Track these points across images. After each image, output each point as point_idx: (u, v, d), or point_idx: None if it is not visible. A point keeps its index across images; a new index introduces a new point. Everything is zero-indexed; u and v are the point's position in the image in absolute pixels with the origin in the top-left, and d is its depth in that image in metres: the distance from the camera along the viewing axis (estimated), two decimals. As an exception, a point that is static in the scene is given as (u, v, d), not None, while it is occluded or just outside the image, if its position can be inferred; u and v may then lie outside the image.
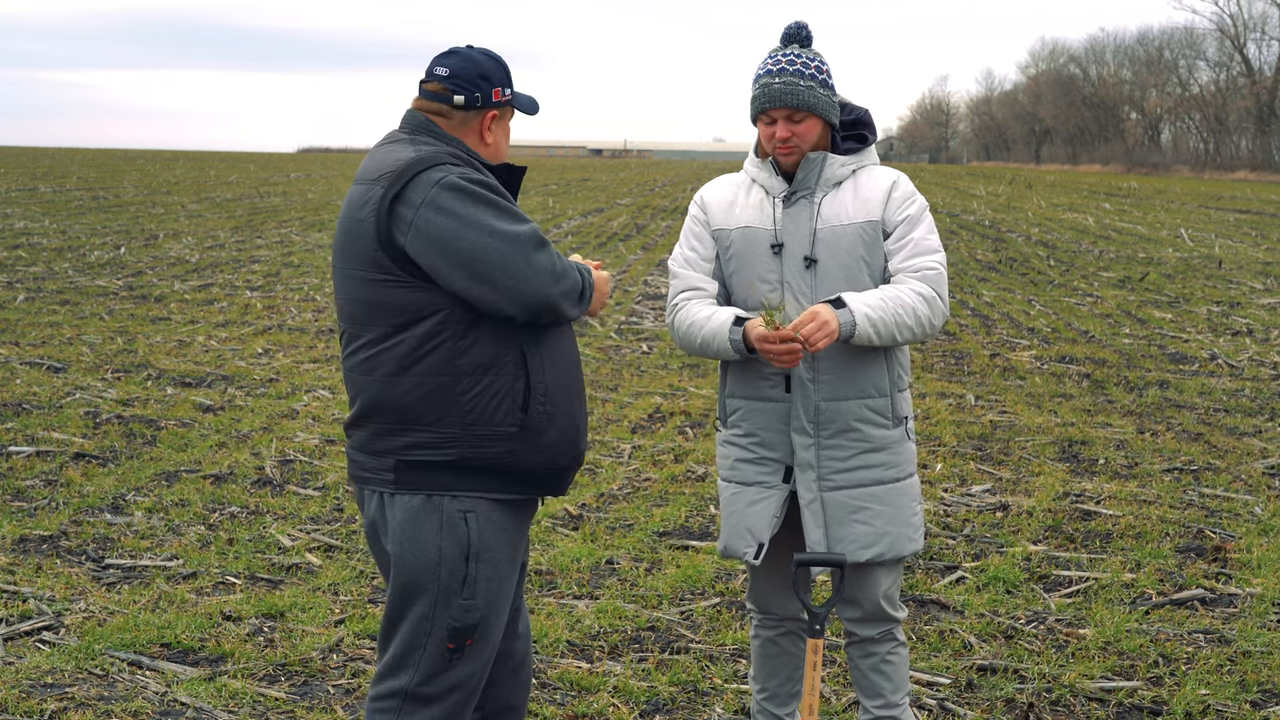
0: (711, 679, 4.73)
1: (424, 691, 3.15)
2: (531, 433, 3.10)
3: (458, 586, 3.10)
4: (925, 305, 3.63)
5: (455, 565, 3.10)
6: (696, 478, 7.49)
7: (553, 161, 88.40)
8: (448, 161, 3.09)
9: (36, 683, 4.57)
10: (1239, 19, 77.86)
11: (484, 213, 3.03)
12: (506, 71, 3.30)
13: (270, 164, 68.40)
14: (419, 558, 3.11)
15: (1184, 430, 8.94)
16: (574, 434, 3.20)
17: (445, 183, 3.03)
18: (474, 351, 3.05)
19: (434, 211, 3.01)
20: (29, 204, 29.74)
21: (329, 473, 7.44)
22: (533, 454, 3.12)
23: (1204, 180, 60.88)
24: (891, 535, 3.74)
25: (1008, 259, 20.87)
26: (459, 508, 3.10)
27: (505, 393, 3.07)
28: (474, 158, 3.20)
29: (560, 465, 3.19)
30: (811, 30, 3.75)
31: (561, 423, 3.15)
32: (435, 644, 3.13)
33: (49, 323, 12.95)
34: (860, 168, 3.77)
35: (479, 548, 3.11)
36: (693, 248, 3.84)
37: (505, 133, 3.33)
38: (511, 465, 3.11)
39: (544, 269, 3.05)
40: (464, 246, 3.00)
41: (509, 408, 3.07)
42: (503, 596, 3.20)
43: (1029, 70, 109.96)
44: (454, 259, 3.00)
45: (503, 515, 3.16)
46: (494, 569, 3.15)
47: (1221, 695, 4.60)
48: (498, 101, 3.25)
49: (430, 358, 3.05)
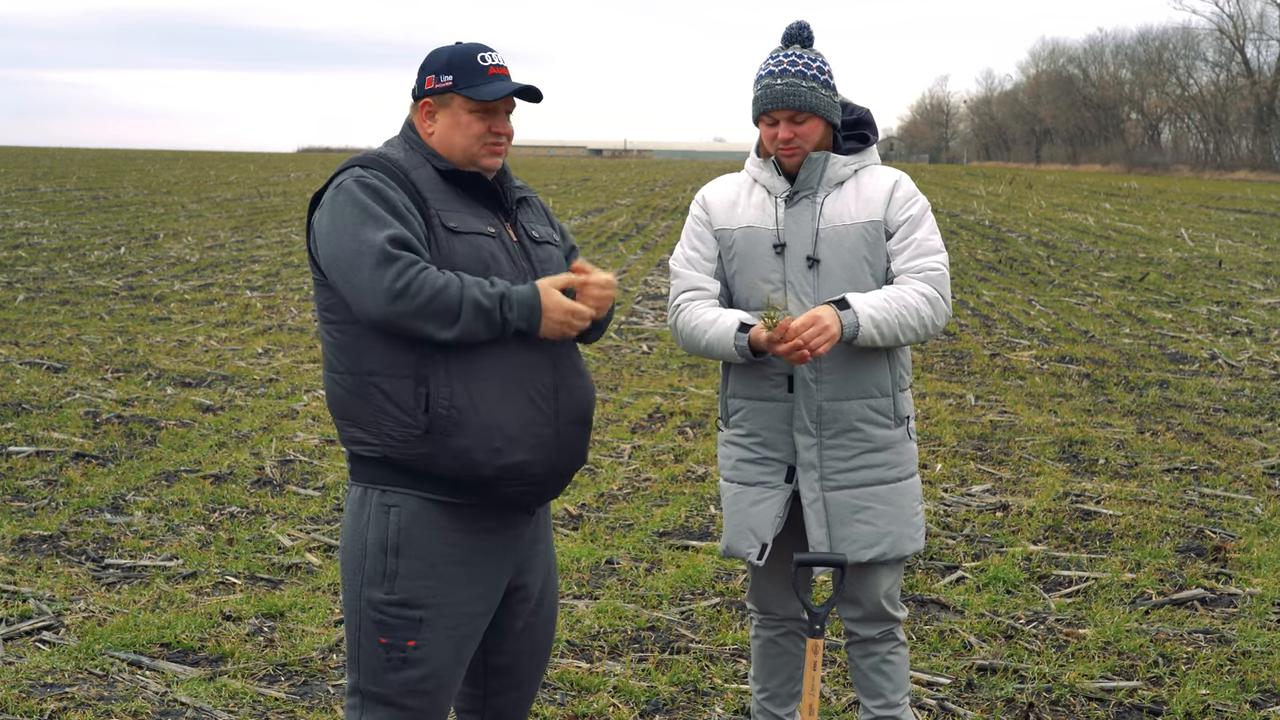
0: (711, 679, 4.72)
1: (375, 691, 3.12)
2: (438, 436, 3.01)
3: (378, 579, 3.08)
4: (929, 306, 3.63)
5: (376, 558, 3.09)
6: (697, 478, 7.49)
7: (553, 161, 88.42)
8: (358, 164, 3.11)
9: (36, 683, 4.57)
10: (1239, 19, 77.93)
11: (353, 216, 2.99)
12: (450, 60, 3.16)
13: (270, 164, 68.39)
14: (348, 549, 3.14)
15: (1184, 430, 8.94)
16: (498, 444, 3.03)
17: (341, 185, 3.06)
18: (375, 351, 3.04)
19: (323, 213, 3.07)
20: (29, 204, 29.74)
21: (329, 473, 7.44)
22: (448, 459, 3.02)
23: (1204, 180, 60.88)
24: (893, 535, 3.74)
25: (1008, 259, 20.87)
26: (384, 501, 3.09)
27: (406, 394, 3.02)
28: (428, 155, 3.18)
29: (483, 475, 3.04)
30: (813, 30, 3.75)
31: (475, 429, 3.01)
32: (368, 639, 3.11)
33: (49, 323, 12.95)
34: (862, 167, 3.77)
35: (399, 541, 3.07)
36: (694, 248, 3.84)
37: (455, 123, 3.16)
38: (428, 467, 3.05)
39: (379, 285, 2.91)
40: (329, 250, 3.02)
41: (411, 408, 3.01)
42: (454, 602, 3.11)
43: (1029, 70, 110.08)
44: (325, 261, 3.04)
45: (442, 516, 3.09)
46: (425, 566, 3.08)
47: (1221, 695, 4.60)
48: (429, 89, 3.17)
49: (344, 355, 3.09)
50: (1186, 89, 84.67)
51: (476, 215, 3.16)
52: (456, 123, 3.17)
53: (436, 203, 3.11)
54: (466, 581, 3.13)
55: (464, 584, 3.13)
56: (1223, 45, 79.63)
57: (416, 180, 3.11)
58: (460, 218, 3.12)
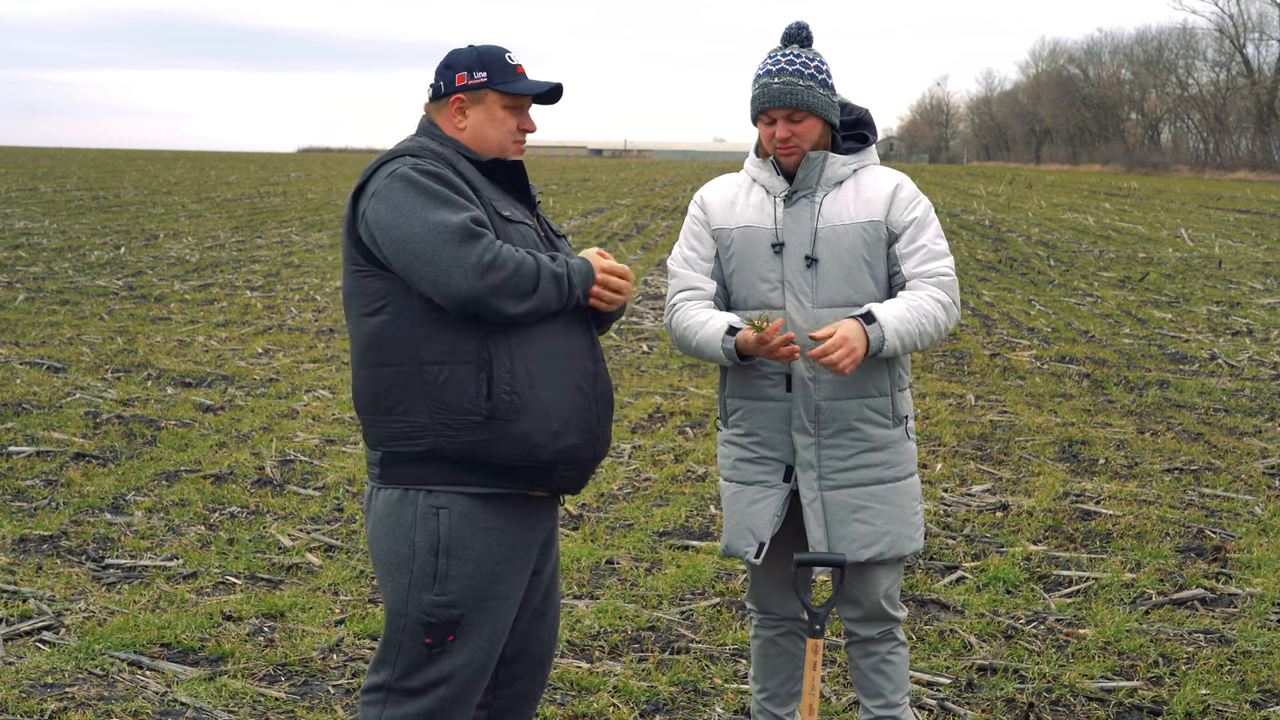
0: (711, 679, 4.73)
1: (406, 685, 3.14)
2: (500, 421, 3.03)
3: (428, 582, 3.09)
4: (944, 313, 3.67)
5: (425, 560, 3.09)
6: (697, 478, 7.49)
7: (553, 161, 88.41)
8: (407, 154, 3.13)
9: (36, 683, 4.57)
10: (1239, 19, 77.92)
11: (421, 202, 3.01)
12: (481, 58, 3.22)
13: (270, 164, 68.39)
14: (392, 551, 3.13)
15: (1184, 430, 8.94)
16: (556, 427, 3.08)
17: (395, 173, 3.07)
18: (435, 339, 3.05)
19: (380, 201, 3.06)
20: (29, 204, 29.74)
21: (329, 473, 7.44)
22: (507, 445, 3.04)
23: (1204, 180, 60.87)
24: (892, 534, 3.74)
25: (1008, 259, 20.87)
26: (432, 503, 3.09)
27: (469, 381, 3.03)
28: (459, 149, 3.21)
29: (541, 460, 3.08)
30: (812, 30, 3.76)
31: (535, 413, 3.05)
32: (411, 639, 3.13)
33: (49, 323, 12.95)
34: (861, 167, 3.78)
35: (450, 543, 3.09)
36: (692, 247, 3.84)
37: (490, 118, 3.23)
38: (486, 456, 3.06)
39: (467, 262, 2.95)
40: (399, 235, 3.02)
41: (473, 395, 3.02)
42: (496, 596, 3.16)
43: (1029, 70, 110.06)
44: (392, 248, 3.04)
45: (484, 512, 3.11)
46: (474, 567, 3.11)
47: (1221, 695, 4.60)
48: (461, 86, 3.21)
49: (393, 345, 3.08)
50: (1186, 89, 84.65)
51: (515, 207, 3.24)
52: (491, 118, 3.24)
53: (486, 192, 3.17)
54: (507, 575, 3.19)
55: (504, 578, 3.18)
56: (1223, 45, 79.67)
57: (462, 171, 3.16)
58: (508, 208, 3.20)
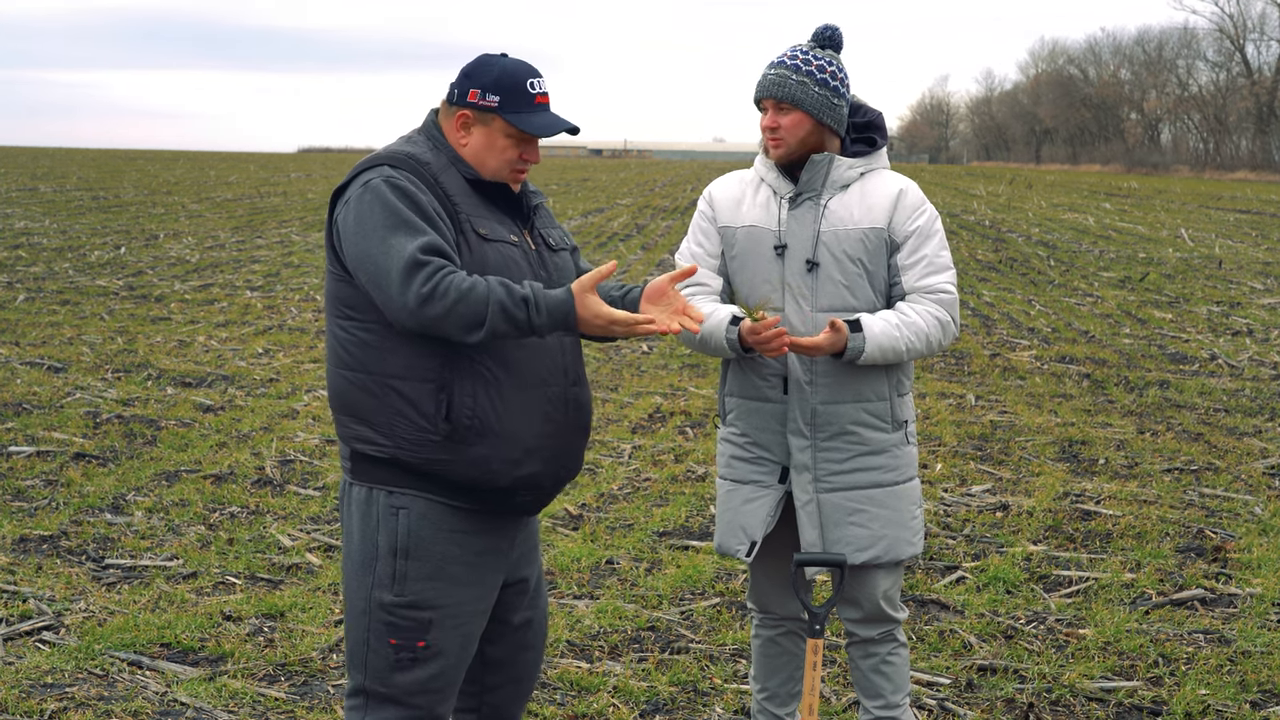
0: (711, 679, 4.73)
1: (382, 691, 3.12)
2: (457, 444, 3.00)
3: (388, 582, 3.07)
4: (939, 330, 3.65)
5: (386, 561, 3.07)
6: (696, 478, 7.49)
7: (553, 161, 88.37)
8: (387, 162, 3.06)
9: (36, 683, 4.57)
10: (1239, 19, 77.91)
11: (382, 219, 2.95)
12: (499, 82, 3.09)
13: (270, 164, 68.38)
14: (358, 551, 3.12)
15: (1184, 430, 8.94)
16: (517, 455, 3.04)
17: (369, 184, 3.00)
18: (398, 354, 3.02)
19: (350, 211, 3.02)
20: (29, 204, 29.74)
21: (329, 473, 7.44)
22: (465, 466, 3.02)
23: (1204, 180, 60.85)
24: (889, 538, 3.73)
25: (1008, 259, 20.87)
26: (393, 503, 3.07)
27: (427, 400, 2.99)
28: (453, 158, 3.13)
29: (499, 485, 3.05)
30: (842, 36, 3.75)
31: (496, 439, 3.02)
32: (377, 640, 3.10)
33: (49, 323, 12.95)
34: (869, 171, 3.76)
35: (408, 544, 3.06)
36: (699, 243, 3.85)
37: (491, 144, 3.12)
38: (444, 474, 3.03)
39: (408, 292, 2.87)
40: (357, 252, 2.98)
41: (431, 414, 2.99)
42: (458, 600, 3.12)
43: (1029, 70, 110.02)
44: (352, 263, 3.00)
45: (449, 517, 3.09)
46: (433, 568, 3.08)
47: (1221, 695, 4.60)
48: (471, 102, 3.11)
49: (361, 354, 3.06)
50: (1186, 89, 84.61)
51: (500, 222, 3.14)
52: (492, 144, 3.13)
53: (466, 208, 3.08)
54: (471, 580, 3.14)
55: (469, 583, 3.14)
56: (1223, 45, 79.62)
57: (445, 184, 3.07)
58: (489, 225, 3.10)
